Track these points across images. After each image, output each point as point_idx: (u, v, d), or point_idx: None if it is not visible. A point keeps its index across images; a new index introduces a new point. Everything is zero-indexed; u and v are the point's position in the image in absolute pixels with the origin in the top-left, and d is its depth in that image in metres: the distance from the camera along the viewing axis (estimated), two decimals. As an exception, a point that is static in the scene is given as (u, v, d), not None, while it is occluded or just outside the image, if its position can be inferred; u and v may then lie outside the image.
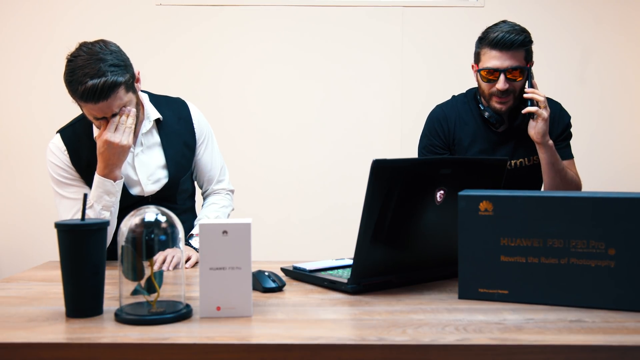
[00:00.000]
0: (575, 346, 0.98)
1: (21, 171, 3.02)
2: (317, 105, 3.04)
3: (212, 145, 1.98)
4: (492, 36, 1.92)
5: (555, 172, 1.95)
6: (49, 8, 2.99)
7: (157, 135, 1.84)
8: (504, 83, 1.91)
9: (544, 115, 1.90)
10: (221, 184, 2.01)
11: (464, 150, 2.05)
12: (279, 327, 1.07)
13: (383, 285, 1.36)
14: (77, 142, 1.77)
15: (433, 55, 3.02)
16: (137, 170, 1.80)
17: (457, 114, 2.07)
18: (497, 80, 1.92)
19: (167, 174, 1.84)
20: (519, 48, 1.92)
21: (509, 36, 1.90)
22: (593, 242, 1.18)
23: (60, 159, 1.76)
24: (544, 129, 1.91)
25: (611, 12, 3.01)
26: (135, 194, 1.80)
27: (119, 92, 1.60)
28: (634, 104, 3.04)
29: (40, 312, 1.18)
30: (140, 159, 1.81)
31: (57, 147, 1.77)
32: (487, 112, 2.00)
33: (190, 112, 1.92)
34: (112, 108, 1.62)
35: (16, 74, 3.02)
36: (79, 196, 1.75)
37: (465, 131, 2.05)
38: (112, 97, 1.59)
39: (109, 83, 1.57)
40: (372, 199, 1.24)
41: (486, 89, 1.97)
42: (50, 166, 1.77)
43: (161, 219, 1.12)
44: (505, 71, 1.91)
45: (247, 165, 3.00)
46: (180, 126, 1.89)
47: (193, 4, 2.99)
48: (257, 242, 1.45)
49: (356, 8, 3.01)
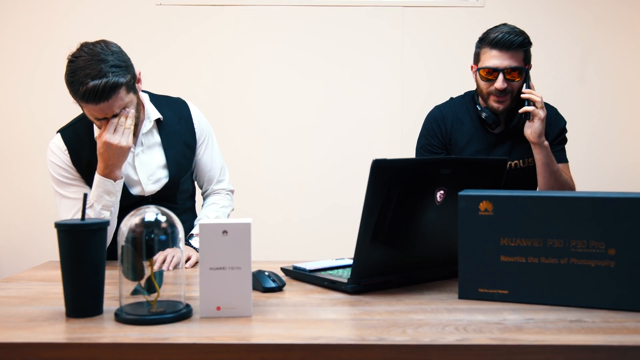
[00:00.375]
0: (575, 346, 0.98)
1: (21, 171, 3.02)
2: (317, 105, 3.04)
3: (212, 145, 1.98)
4: (492, 36, 1.95)
5: (549, 173, 1.96)
6: (49, 8, 2.99)
7: (157, 135, 1.84)
8: (503, 82, 1.94)
9: (540, 115, 1.92)
10: (221, 184, 2.01)
11: (460, 151, 2.06)
12: (279, 327, 1.07)
13: (383, 285, 1.36)
14: (78, 141, 1.77)
15: (433, 55, 3.02)
16: (138, 170, 1.80)
17: (454, 114, 2.09)
18: (496, 79, 1.95)
19: (167, 174, 1.84)
20: (518, 49, 1.94)
21: (508, 37, 1.93)
22: (593, 242, 1.18)
23: (61, 158, 1.76)
24: (540, 129, 1.93)
25: (611, 12, 3.01)
26: (135, 194, 1.80)
27: (120, 93, 1.61)
28: (633, 104, 3.04)
29: (40, 312, 1.18)
30: (140, 159, 1.81)
31: (57, 146, 1.77)
32: (485, 112, 2.01)
33: (190, 112, 1.93)
34: (112, 109, 1.62)
35: (16, 74, 3.01)
36: (79, 196, 1.75)
37: (461, 132, 2.06)
38: (113, 98, 1.60)
39: (110, 84, 1.57)
40: (372, 199, 1.24)
41: (484, 88, 1.99)
42: (51, 166, 1.77)
43: (161, 219, 1.12)
44: (504, 71, 1.94)
45: (247, 165, 3.00)
46: (181, 126, 1.89)
47: (193, 4, 2.99)
48: (257, 242, 1.45)
49: (356, 8, 3.01)
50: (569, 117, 2.14)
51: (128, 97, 1.64)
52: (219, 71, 3.02)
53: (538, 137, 1.93)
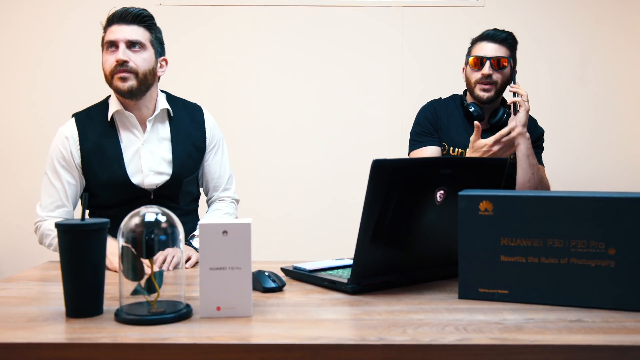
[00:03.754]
0: (575, 346, 0.98)
1: (21, 171, 3.01)
2: (318, 105, 3.04)
3: (222, 154, 2.00)
4: (482, 32, 2.17)
5: (529, 165, 2.06)
6: (49, 8, 2.99)
7: (168, 129, 1.87)
8: (489, 69, 2.10)
9: (526, 106, 2.05)
10: (227, 192, 2.01)
11: (453, 142, 2.19)
12: (279, 327, 1.07)
13: (383, 285, 1.36)
14: (89, 122, 1.83)
15: (433, 55, 3.02)
16: (142, 159, 1.82)
17: (445, 107, 2.26)
18: (483, 67, 2.11)
19: (170, 170, 1.85)
20: (503, 42, 2.13)
21: (495, 31, 2.14)
22: (593, 242, 1.18)
23: (64, 144, 1.80)
24: (525, 120, 2.05)
25: (611, 12, 3.01)
26: (135, 183, 1.81)
27: (143, 27, 1.78)
28: (633, 104, 3.04)
29: (40, 312, 1.18)
30: (147, 148, 1.83)
31: (68, 129, 1.82)
32: (472, 107, 2.16)
33: (204, 117, 1.96)
34: (125, 36, 1.74)
35: (17, 74, 3.01)
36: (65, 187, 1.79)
37: (451, 122, 2.21)
38: (134, 25, 1.76)
39: (142, 14, 1.78)
40: (372, 199, 1.24)
41: (472, 78, 2.15)
42: (54, 149, 1.81)
43: (161, 219, 1.12)
44: (490, 59, 2.11)
45: (247, 165, 2.99)
46: (192, 128, 1.92)
47: (193, 4, 2.99)
48: (257, 241, 1.45)
49: (356, 8, 3.01)
50: (568, 117, 2.15)
51: (147, 43, 1.79)
52: (219, 71, 3.02)
53: (522, 126, 2.03)
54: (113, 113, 1.82)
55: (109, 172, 1.79)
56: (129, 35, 1.75)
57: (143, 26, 1.78)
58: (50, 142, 1.84)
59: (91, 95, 2.07)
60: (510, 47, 2.14)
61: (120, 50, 1.74)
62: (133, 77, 1.75)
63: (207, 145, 1.94)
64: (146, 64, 1.78)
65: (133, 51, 1.77)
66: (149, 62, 1.79)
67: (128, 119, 1.83)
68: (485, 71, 2.10)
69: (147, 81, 1.80)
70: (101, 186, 1.81)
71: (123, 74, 1.75)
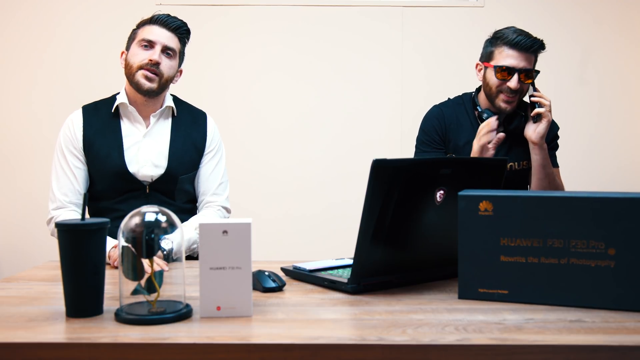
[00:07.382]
0: (575, 346, 0.98)
1: (21, 171, 3.02)
2: (318, 105, 3.04)
3: (218, 160, 2.00)
4: (512, 37, 1.97)
5: (545, 175, 2.01)
6: (49, 8, 2.99)
7: (170, 126, 1.93)
8: (517, 83, 1.96)
9: (549, 118, 1.97)
10: (215, 197, 1.97)
11: (460, 151, 2.08)
12: (279, 327, 1.07)
13: (383, 285, 1.36)
14: (95, 112, 1.90)
15: (433, 55, 3.02)
16: (141, 150, 1.87)
17: (454, 114, 2.11)
18: (510, 79, 1.96)
19: (166, 165, 1.88)
20: (533, 52, 1.98)
21: (527, 40, 1.96)
22: (593, 242, 1.18)
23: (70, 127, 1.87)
24: (544, 132, 1.97)
25: (611, 12, 3.01)
26: (131, 172, 1.85)
27: (178, 38, 1.91)
28: (633, 104, 3.04)
29: (40, 312, 1.18)
30: (147, 140, 1.89)
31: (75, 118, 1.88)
32: (486, 113, 2.03)
33: (207, 123, 2.01)
34: (163, 40, 1.86)
35: (17, 74, 3.01)
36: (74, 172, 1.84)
37: (460, 132, 2.08)
38: (173, 33, 1.89)
39: (182, 25, 1.92)
40: (372, 198, 1.24)
41: (495, 86, 2.00)
42: (62, 138, 1.87)
43: (161, 219, 1.12)
44: (519, 71, 1.96)
45: (247, 165, 3.00)
46: (194, 129, 1.96)
47: (193, 4, 2.99)
48: (257, 241, 1.45)
49: (356, 8, 3.01)
50: (569, 117, 2.15)
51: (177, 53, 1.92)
52: (219, 71, 3.02)
53: (541, 138, 1.97)
54: (118, 104, 1.89)
55: (107, 158, 1.85)
56: (167, 42, 1.88)
57: (178, 36, 1.92)
58: (50, 142, 1.85)
59: (91, 95, 2.07)
60: (536, 56, 2.01)
61: (157, 52, 1.85)
62: (157, 80, 1.85)
63: (205, 148, 1.97)
64: (171, 71, 1.90)
65: (165, 56, 1.87)
66: (173, 70, 1.91)
67: (132, 113, 1.90)
68: (513, 85, 1.95)
69: (165, 86, 1.91)
70: (98, 173, 1.86)
71: (151, 74, 1.84)
